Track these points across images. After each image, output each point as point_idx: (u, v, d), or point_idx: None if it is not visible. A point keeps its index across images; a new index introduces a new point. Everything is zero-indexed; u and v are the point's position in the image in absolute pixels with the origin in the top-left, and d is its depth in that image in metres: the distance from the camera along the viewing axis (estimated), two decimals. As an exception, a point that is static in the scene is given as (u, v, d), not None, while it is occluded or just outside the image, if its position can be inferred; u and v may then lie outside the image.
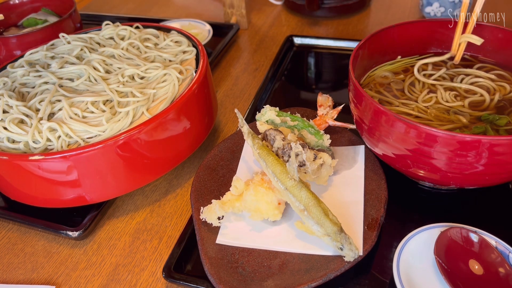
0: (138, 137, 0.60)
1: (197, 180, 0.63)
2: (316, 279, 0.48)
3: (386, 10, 1.16)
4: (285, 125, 0.63)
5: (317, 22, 1.14)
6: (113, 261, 0.61)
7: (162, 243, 0.62)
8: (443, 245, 0.50)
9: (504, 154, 0.47)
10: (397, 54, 0.69)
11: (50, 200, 0.63)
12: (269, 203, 0.55)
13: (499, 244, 0.51)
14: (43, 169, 0.58)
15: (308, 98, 0.90)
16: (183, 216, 0.66)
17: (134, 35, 0.79)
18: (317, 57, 1.00)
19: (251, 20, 1.18)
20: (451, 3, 1.00)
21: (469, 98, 0.60)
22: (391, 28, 0.67)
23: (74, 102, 0.65)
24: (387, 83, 0.65)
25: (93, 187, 0.61)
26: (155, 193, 0.70)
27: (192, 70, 0.72)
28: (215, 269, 0.52)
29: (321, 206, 0.51)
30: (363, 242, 0.52)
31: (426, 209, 0.61)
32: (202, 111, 0.69)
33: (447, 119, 0.57)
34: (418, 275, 0.50)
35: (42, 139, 0.60)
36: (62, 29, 0.94)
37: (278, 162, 0.54)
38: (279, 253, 0.54)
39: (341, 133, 0.69)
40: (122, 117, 0.63)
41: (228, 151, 0.69)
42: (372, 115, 0.54)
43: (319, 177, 0.58)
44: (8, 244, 0.65)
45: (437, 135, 0.47)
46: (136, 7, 1.35)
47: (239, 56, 1.04)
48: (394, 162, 0.56)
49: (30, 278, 0.59)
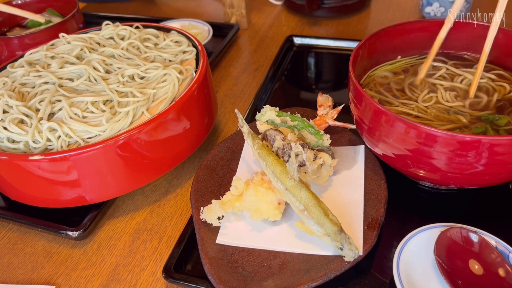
0: (138, 137, 0.60)
1: (197, 180, 0.63)
2: (316, 279, 0.48)
3: (386, 10, 1.16)
4: (285, 125, 0.63)
5: (317, 22, 1.14)
6: (113, 261, 0.61)
7: (162, 243, 0.62)
8: (443, 245, 0.50)
9: (504, 154, 0.47)
10: (397, 54, 0.69)
11: (50, 200, 0.63)
12: (269, 203, 0.55)
13: (499, 244, 0.50)
14: (43, 169, 0.58)
15: (308, 98, 0.90)
16: (183, 216, 0.66)
17: (134, 35, 0.79)
18: (317, 57, 1.00)
19: (251, 20, 1.18)
20: (451, 3, 1.00)
21: (470, 99, 0.60)
22: (391, 28, 0.67)
23: (74, 102, 0.65)
24: (387, 83, 0.65)
25: (93, 187, 0.61)
26: (155, 193, 0.70)
27: (192, 70, 0.72)
28: (215, 269, 0.52)
29: (321, 206, 0.51)
30: (363, 242, 0.52)
31: (426, 209, 0.61)
32: (202, 111, 0.69)
33: (447, 119, 0.57)
34: (418, 275, 0.50)
35: (42, 139, 0.60)
36: (65, 29, 0.94)
37: (278, 162, 0.54)
38: (279, 253, 0.54)
39: (341, 133, 0.69)
40: (122, 117, 0.63)
41: (228, 151, 0.69)
42: (372, 115, 0.54)
43: (319, 177, 0.58)
44: (8, 244, 0.65)
45: (437, 135, 0.47)
46: (136, 7, 1.35)
47: (239, 56, 1.04)
48: (394, 162, 0.56)
49: (30, 278, 0.59)
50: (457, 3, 0.63)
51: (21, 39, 0.91)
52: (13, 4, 1.06)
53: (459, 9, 0.63)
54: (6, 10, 0.97)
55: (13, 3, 1.07)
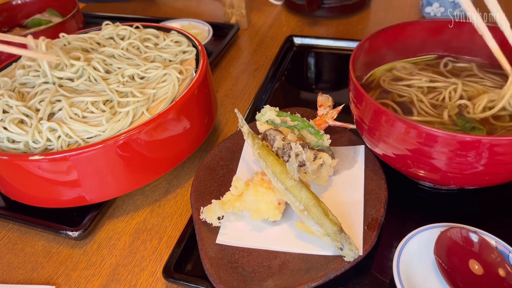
0: (138, 137, 0.60)
1: (197, 180, 0.63)
2: (316, 279, 0.48)
3: (386, 10, 1.16)
4: (285, 125, 0.63)
5: (317, 22, 1.14)
6: (113, 261, 0.61)
7: (162, 243, 0.62)
8: (443, 245, 0.50)
9: (504, 154, 0.47)
10: (397, 54, 0.69)
11: (50, 200, 0.63)
12: (269, 203, 0.55)
13: (499, 244, 0.50)
14: (43, 169, 0.58)
15: (308, 98, 0.90)
16: (183, 216, 0.66)
17: (134, 35, 0.79)
18: (317, 57, 1.00)
19: (251, 20, 1.18)
20: (451, 3, 1.00)
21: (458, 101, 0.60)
22: (391, 28, 0.67)
23: (74, 102, 0.65)
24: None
25: (93, 187, 0.61)
26: (155, 193, 0.70)
27: (192, 70, 0.72)
28: (215, 269, 0.52)
29: (321, 206, 0.51)
30: (363, 242, 0.52)
31: (426, 209, 0.61)
32: (202, 111, 0.69)
33: (433, 113, 0.58)
34: (418, 275, 0.50)
35: (42, 139, 0.60)
36: (65, 29, 0.94)
37: (278, 162, 0.54)
38: (279, 253, 0.54)
39: (341, 133, 0.69)
40: (122, 117, 0.62)
41: (228, 151, 0.69)
42: (372, 115, 0.54)
43: (319, 177, 0.58)
44: (8, 244, 0.65)
45: (437, 135, 0.47)
46: (136, 7, 1.35)
47: (239, 56, 1.04)
48: (394, 162, 0.56)
49: (30, 278, 0.59)
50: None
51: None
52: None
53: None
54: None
55: (13, 3, 1.07)
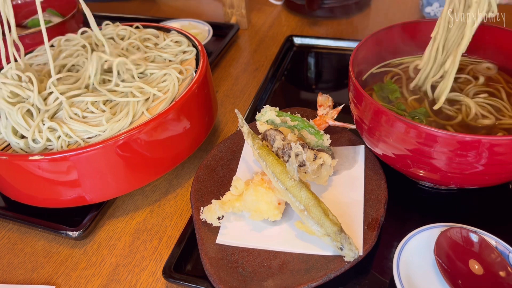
0: (138, 137, 0.60)
1: (197, 180, 0.63)
2: (316, 279, 0.48)
3: (386, 10, 1.16)
4: (285, 125, 0.63)
5: (317, 22, 1.14)
6: (113, 261, 0.61)
7: (162, 243, 0.62)
8: (443, 245, 0.50)
9: (504, 154, 0.47)
10: (397, 54, 0.69)
11: (50, 200, 0.63)
12: (269, 203, 0.55)
13: (499, 244, 0.50)
14: (43, 169, 0.58)
15: (308, 98, 0.90)
16: (183, 216, 0.66)
17: (134, 35, 0.79)
18: (317, 57, 1.00)
19: (251, 20, 1.18)
20: (451, 3, 1.00)
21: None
22: (391, 28, 0.67)
23: (74, 102, 0.65)
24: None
25: (93, 187, 0.61)
26: (155, 193, 0.70)
27: (192, 70, 0.72)
28: (215, 269, 0.52)
29: (321, 206, 0.51)
30: (363, 242, 0.52)
31: (426, 209, 0.61)
32: (202, 111, 0.69)
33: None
34: (418, 275, 0.50)
35: (42, 139, 0.60)
36: (65, 29, 0.94)
37: (278, 162, 0.54)
38: (279, 253, 0.54)
39: (341, 133, 0.69)
40: (122, 117, 0.62)
41: (228, 151, 0.69)
42: (372, 115, 0.54)
43: (319, 177, 0.58)
44: (8, 244, 0.65)
45: (437, 135, 0.47)
46: (136, 7, 1.35)
47: (239, 56, 1.04)
48: (394, 162, 0.56)
49: (30, 278, 0.59)
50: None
51: (21, 39, 0.91)
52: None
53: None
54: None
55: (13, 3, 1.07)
